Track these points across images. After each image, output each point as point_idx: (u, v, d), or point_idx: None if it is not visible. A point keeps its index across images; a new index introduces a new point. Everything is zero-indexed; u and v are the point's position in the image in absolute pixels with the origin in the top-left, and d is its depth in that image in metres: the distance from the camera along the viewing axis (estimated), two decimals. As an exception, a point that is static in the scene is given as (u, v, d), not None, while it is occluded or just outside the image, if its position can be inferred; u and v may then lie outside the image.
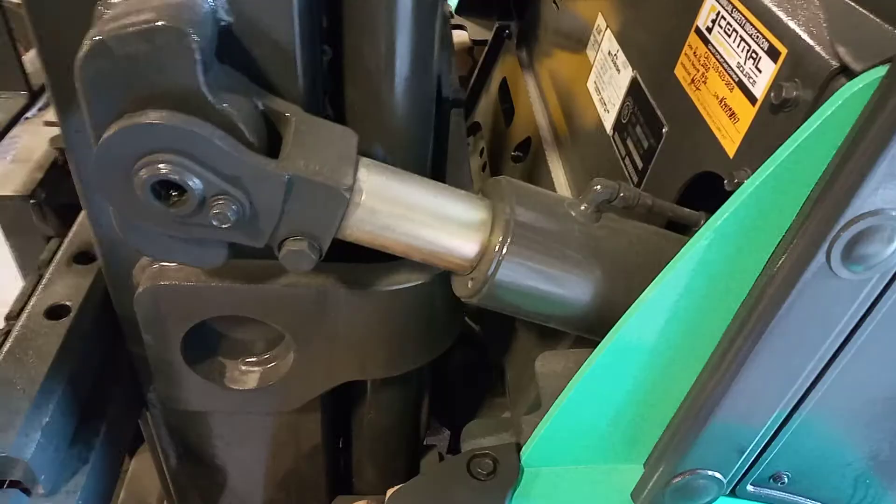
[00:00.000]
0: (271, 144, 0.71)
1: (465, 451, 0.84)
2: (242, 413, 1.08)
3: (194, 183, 0.65)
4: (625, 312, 0.72)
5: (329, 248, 0.75)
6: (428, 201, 0.76)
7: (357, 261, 0.87)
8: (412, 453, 1.35)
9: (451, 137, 1.17)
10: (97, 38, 0.59)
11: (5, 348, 0.92)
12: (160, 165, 0.63)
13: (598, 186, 0.79)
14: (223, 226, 0.67)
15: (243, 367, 0.98)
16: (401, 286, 0.87)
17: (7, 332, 0.95)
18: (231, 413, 1.07)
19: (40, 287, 1.02)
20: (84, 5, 0.65)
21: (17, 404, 0.85)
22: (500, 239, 0.75)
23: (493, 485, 0.80)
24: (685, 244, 0.68)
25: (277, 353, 0.98)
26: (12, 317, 0.99)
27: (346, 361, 0.95)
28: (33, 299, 1.00)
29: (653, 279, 0.70)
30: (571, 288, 0.78)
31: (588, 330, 0.83)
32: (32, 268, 1.11)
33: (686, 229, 0.85)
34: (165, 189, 0.66)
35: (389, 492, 0.87)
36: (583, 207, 0.79)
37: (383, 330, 0.93)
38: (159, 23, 0.59)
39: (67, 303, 0.98)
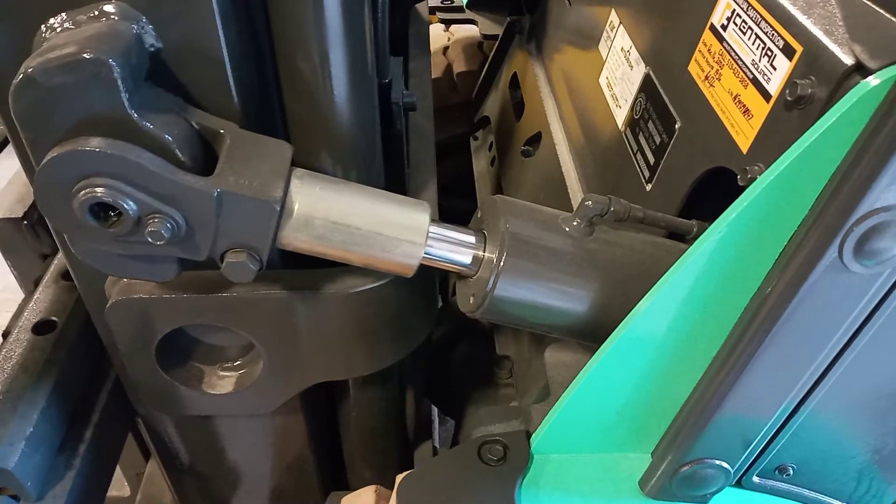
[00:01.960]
0: (210, 161, 0.73)
1: (476, 438, 0.86)
2: (223, 417, 1.11)
3: (128, 204, 0.68)
4: (623, 321, 0.74)
5: (293, 255, 0.78)
6: (363, 208, 0.78)
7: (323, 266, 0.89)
8: (403, 447, 1.37)
9: (415, 141, 1.20)
10: (26, 71, 0.63)
11: None
12: (94, 189, 0.67)
13: (590, 202, 0.82)
14: (158, 242, 0.70)
15: (221, 373, 1.02)
16: (360, 288, 0.90)
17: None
18: (213, 417, 1.10)
19: (31, 304, 1.07)
20: (22, 37, 0.68)
21: (1, 417, 0.89)
22: (497, 253, 0.79)
23: (504, 470, 0.81)
24: (685, 249, 0.70)
25: (252, 358, 1.01)
26: (8, 334, 1.04)
27: (316, 364, 0.98)
28: (23, 316, 1.05)
29: (649, 288, 0.72)
30: (568, 299, 0.81)
31: (589, 338, 0.85)
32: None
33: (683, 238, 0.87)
34: (104, 210, 0.69)
35: (399, 477, 0.88)
36: (575, 223, 0.82)
37: (347, 332, 0.96)
38: (81, 55, 0.62)
39: (54, 318, 1.04)
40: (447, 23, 2.29)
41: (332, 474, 1.35)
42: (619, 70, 1.17)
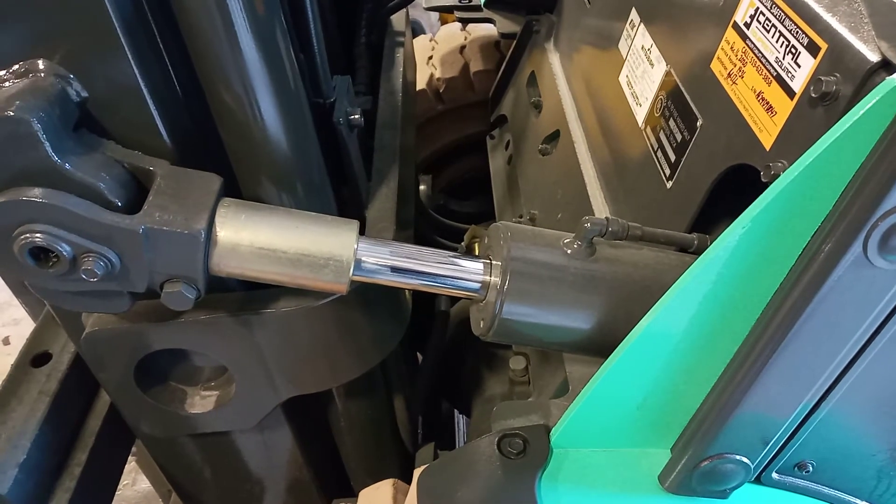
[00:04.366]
0: (145, 198, 0.76)
1: (496, 431, 0.86)
2: (213, 434, 1.13)
3: (61, 246, 0.71)
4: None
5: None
6: (288, 233, 0.80)
7: None
8: (400, 451, 1.39)
9: (379, 154, 1.24)
10: None
11: None
12: (32, 235, 0.70)
13: (588, 224, 0.84)
14: (91, 279, 0.73)
15: (203, 392, 1.05)
16: (313, 305, 0.92)
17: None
18: (205, 435, 1.13)
19: (32, 338, 1.14)
20: None
21: None
22: (501, 278, 0.82)
23: (524, 464, 0.82)
24: (688, 261, 0.71)
25: (228, 377, 1.04)
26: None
27: (285, 378, 1.01)
28: (24, 349, 1.12)
29: (654, 302, 0.74)
30: (574, 319, 0.84)
31: (599, 354, 0.86)
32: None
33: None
34: (44, 252, 0.72)
35: (417, 471, 0.89)
36: (576, 245, 0.84)
37: (306, 347, 0.98)
38: (1, 115, 0.66)
39: (49, 350, 1.11)
40: (464, 22, 2.29)
41: (333, 483, 1.37)
42: (640, 68, 1.18)
